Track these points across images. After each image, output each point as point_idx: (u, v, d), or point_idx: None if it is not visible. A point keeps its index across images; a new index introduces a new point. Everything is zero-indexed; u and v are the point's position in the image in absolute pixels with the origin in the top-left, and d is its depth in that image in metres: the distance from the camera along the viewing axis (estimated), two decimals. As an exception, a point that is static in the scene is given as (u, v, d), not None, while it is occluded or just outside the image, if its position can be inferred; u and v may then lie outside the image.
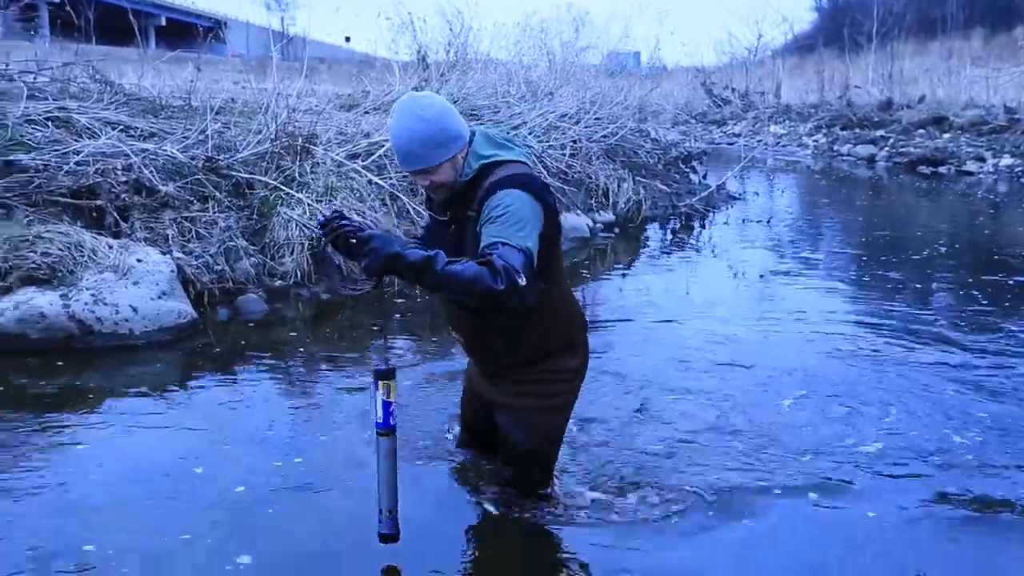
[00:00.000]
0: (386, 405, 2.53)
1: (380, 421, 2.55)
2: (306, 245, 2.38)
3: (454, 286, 2.41)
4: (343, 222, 2.45)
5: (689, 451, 3.64)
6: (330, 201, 6.65)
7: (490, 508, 3.10)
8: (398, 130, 2.64)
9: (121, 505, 3.17)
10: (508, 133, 9.16)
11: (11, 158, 6.04)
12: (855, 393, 4.34)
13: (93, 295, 5.05)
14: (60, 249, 5.21)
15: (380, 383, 2.52)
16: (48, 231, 5.32)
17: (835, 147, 21.66)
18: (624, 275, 7.62)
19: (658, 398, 4.28)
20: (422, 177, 2.70)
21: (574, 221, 8.87)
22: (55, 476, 3.39)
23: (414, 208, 6.95)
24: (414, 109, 2.62)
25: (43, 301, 4.94)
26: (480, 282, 2.39)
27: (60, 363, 4.71)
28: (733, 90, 33.37)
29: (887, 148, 19.56)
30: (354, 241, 2.37)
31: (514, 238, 2.51)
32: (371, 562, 2.77)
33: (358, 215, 6.57)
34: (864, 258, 8.33)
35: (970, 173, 16.41)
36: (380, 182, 7.10)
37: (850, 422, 3.97)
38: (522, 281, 2.44)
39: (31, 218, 5.60)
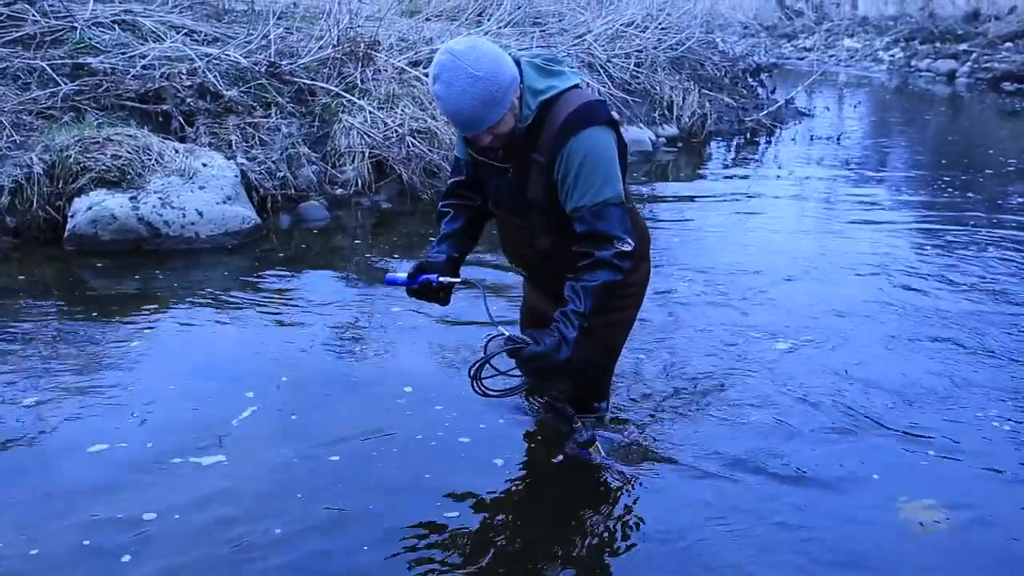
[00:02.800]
0: (604, 459, 2.86)
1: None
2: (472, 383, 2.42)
3: (602, 313, 2.54)
4: (495, 349, 2.46)
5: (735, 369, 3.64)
6: (391, 108, 6.61)
7: (548, 417, 3.15)
8: (451, 97, 2.32)
9: (191, 400, 3.29)
10: (573, 41, 9.01)
11: (81, 61, 6.12)
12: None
13: (161, 198, 5.15)
14: (129, 152, 5.30)
15: (591, 450, 2.86)
16: (117, 133, 5.41)
17: (913, 62, 20.61)
18: (684, 192, 7.46)
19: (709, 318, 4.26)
20: (484, 135, 2.43)
21: (636, 135, 8.69)
22: (127, 374, 3.53)
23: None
24: (463, 68, 2.29)
25: (113, 203, 5.06)
26: (610, 288, 2.50)
27: (130, 264, 4.86)
28: (806, 1, 31.83)
29: (969, 63, 18.55)
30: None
31: (603, 192, 2.45)
32: (423, 450, 2.87)
33: (418, 123, 6.53)
34: (935, 178, 8.01)
35: (1060, 91, 15.54)
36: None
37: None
38: (629, 247, 2.48)
39: (101, 121, 5.70)
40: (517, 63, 2.47)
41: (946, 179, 7.82)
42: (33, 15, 6.41)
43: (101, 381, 3.44)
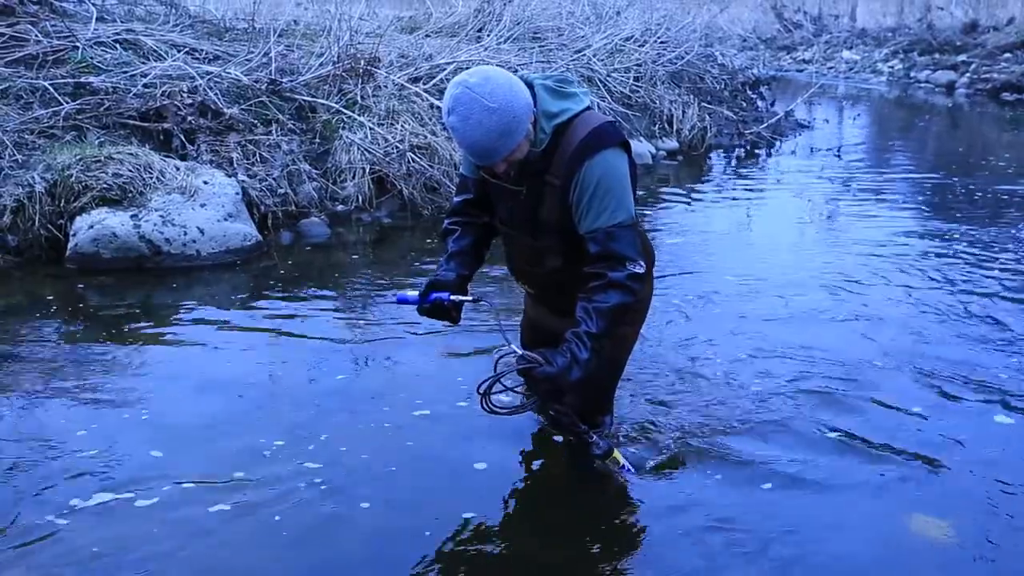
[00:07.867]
0: (626, 468, 2.87)
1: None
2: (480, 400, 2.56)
3: (613, 334, 2.55)
4: (507, 367, 2.50)
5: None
6: (392, 124, 6.63)
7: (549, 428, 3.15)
8: (467, 130, 2.34)
9: (195, 416, 3.29)
10: (572, 56, 9.04)
11: (82, 80, 6.14)
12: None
13: (162, 216, 5.16)
14: (130, 170, 5.32)
15: (607, 462, 2.84)
16: (119, 152, 5.43)
17: (912, 74, 20.69)
18: (686, 205, 7.47)
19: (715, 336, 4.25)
20: (499, 163, 2.45)
21: (637, 148, 8.64)
22: (128, 393, 3.52)
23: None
24: (479, 101, 2.31)
25: (115, 221, 5.07)
26: (622, 310, 2.52)
27: (132, 282, 4.86)
28: (805, 13, 31.95)
29: (968, 74, 18.61)
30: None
31: (617, 215, 2.48)
32: (427, 474, 2.86)
33: (418, 138, 6.55)
34: (936, 188, 8.02)
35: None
36: (441, 105, 7.04)
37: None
38: (641, 269, 2.52)
39: (102, 140, 5.72)
40: (530, 86, 2.48)
41: (947, 189, 7.83)
42: (36, 35, 6.44)
43: (102, 400, 3.43)
